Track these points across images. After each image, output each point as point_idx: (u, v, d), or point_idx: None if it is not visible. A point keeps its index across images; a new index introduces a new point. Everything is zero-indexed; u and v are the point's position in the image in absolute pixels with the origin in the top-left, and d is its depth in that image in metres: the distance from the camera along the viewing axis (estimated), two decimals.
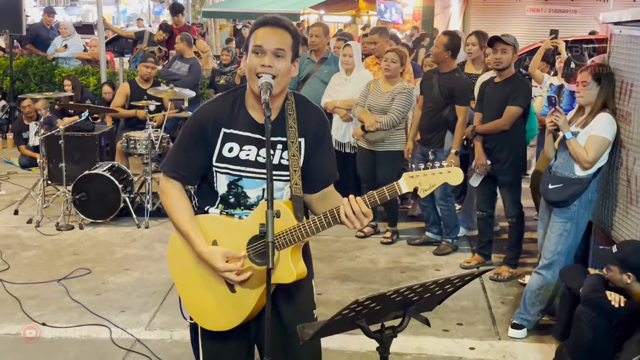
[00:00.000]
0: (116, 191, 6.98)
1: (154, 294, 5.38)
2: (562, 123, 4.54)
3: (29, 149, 9.35)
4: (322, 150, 2.84)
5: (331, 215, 2.61)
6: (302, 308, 2.89)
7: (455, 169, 2.56)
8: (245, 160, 2.76)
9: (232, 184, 2.79)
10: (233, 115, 2.75)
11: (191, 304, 2.91)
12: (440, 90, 6.17)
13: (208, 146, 2.76)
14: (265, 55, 2.64)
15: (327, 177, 2.88)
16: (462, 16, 17.55)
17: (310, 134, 2.80)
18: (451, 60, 6.24)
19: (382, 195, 2.57)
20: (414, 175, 2.55)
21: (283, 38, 2.67)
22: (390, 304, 2.31)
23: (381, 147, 6.46)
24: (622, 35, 4.66)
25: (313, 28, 7.76)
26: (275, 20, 2.69)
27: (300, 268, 2.72)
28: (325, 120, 2.88)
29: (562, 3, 17.23)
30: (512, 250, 5.80)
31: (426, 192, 2.56)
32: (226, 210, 2.82)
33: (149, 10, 48.64)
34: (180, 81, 9.05)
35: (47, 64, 11.75)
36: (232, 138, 2.75)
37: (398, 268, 6.04)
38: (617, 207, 4.63)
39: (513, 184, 5.71)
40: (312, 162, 2.80)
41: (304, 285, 2.86)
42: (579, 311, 3.96)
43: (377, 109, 6.39)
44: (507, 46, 5.48)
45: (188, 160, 2.80)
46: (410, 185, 2.55)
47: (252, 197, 2.79)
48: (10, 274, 5.75)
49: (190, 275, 2.86)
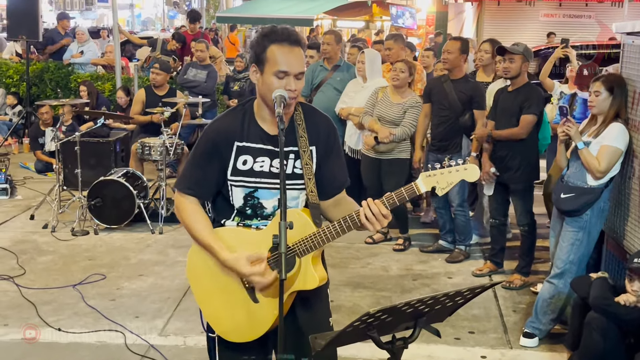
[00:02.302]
0: (131, 197, 7.05)
1: (168, 299, 5.44)
2: (574, 133, 4.55)
3: (44, 154, 9.46)
4: (333, 157, 2.89)
5: (351, 219, 2.65)
6: (319, 316, 2.93)
7: (472, 165, 2.62)
8: (260, 172, 2.80)
9: (249, 195, 2.83)
10: (244, 129, 2.79)
11: (213, 317, 2.93)
12: (458, 96, 6.18)
13: (222, 161, 2.80)
14: (290, 80, 2.67)
15: (340, 183, 2.92)
16: (476, 21, 17.55)
17: (321, 142, 2.84)
18: (463, 65, 6.28)
19: (400, 196, 2.62)
20: (431, 174, 2.60)
21: (301, 59, 2.72)
22: (401, 315, 2.34)
23: (387, 155, 6.46)
24: (634, 45, 4.67)
25: (325, 36, 7.81)
26: (293, 37, 2.70)
27: (322, 274, 2.77)
28: (333, 128, 2.92)
29: (576, 8, 17.18)
30: (524, 258, 5.80)
31: (444, 190, 2.62)
32: (243, 222, 2.86)
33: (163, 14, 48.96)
34: (199, 87, 9.10)
35: (63, 69, 11.86)
36: (245, 151, 2.79)
37: (410, 275, 6.06)
38: (630, 217, 4.64)
39: (525, 192, 5.72)
40: (323, 170, 2.85)
41: (321, 293, 2.91)
42: (590, 318, 3.98)
43: (388, 120, 6.41)
44: (515, 55, 5.50)
45: (203, 176, 2.83)
46: (428, 185, 2.60)
47: (268, 208, 2.83)
48: (26, 279, 5.83)
49: (211, 289, 2.88)
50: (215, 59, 10.81)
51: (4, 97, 11.91)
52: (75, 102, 8.51)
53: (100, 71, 11.98)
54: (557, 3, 16.72)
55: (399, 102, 6.42)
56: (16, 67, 12.28)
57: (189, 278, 2.97)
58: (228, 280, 2.81)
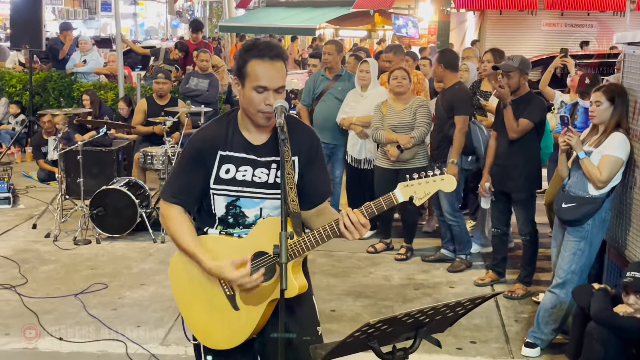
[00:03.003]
0: (133, 206, 7.06)
1: (169, 309, 5.44)
2: (575, 143, 4.55)
3: (47, 163, 9.47)
4: (316, 167, 2.92)
5: (330, 227, 2.68)
6: (304, 323, 2.95)
7: (448, 176, 2.65)
8: (242, 181, 2.84)
9: (230, 204, 2.87)
10: (228, 138, 2.84)
11: (195, 325, 2.97)
12: (443, 105, 6.27)
13: (206, 169, 2.84)
14: (269, 94, 2.72)
15: (323, 193, 2.96)
16: (478, 31, 17.57)
17: (304, 153, 2.88)
18: (451, 74, 6.31)
19: (379, 206, 2.65)
20: (408, 184, 2.64)
21: (282, 73, 2.76)
22: (401, 326, 2.34)
23: (405, 165, 6.36)
24: (635, 55, 4.68)
25: (326, 46, 7.82)
26: (273, 51, 2.74)
27: (301, 282, 2.79)
28: (317, 139, 2.97)
29: (578, 17, 17.20)
30: (526, 268, 5.80)
31: (421, 200, 2.65)
32: (225, 230, 2.90)
33: (166, 23, 49.09)
34: (202, 97, 9.12)
35: (65, 78, 11.89)
36: (228, 160, 2.84)
37: (412, 285, 6.05)
38: (631, 227, 4.64)
39: (527, 202, 5.72)
40: (306, 179, 2.88)
41: (305, 301, 2.93)
42: (590, 328, 3.98)
43: (401, 127, 6.40)
44: (510, 72, 5.53)
45: (188, 184, 2.88)
46: (406, 194, 2.64)
47: (250, 217, 2.88)
48: (28, 288, 5.83)
49: (192, 296, 2.93)
50: (217, 68, 10.83)
51: (7, 106, 11.94)
52: (77, 111, 8.54)
53: (103, 80, 12.02)
54: (559, 12, 16.75)
55: (404, 107, 6.45)
56: (19, 77, 12.32)
57: (171, 285, 3.02)
58: (209, 287, 2.85)
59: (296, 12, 20.16)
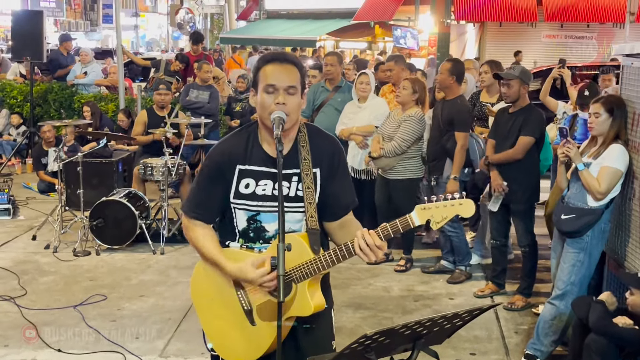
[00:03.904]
0: (133, 217, 7.06)
1: (169, 320, 5.43)
2: (574, 154, 4.56)
3: (47, 174, 9.48)
4: (338, 177, 2.88)
5: (346, 248, 2.66)
6: (320, 339, 2.92)
7: (467, 200, 2.58)
8: (262, 195, 2.81)
9: (251, 219, 2.85)
10: (247, 152, 2.81)
11: (214, 336, 2.97)
12: (442, 117, 6.26)
13: (226, 184, 2.82)
14: (279, 93, 2.69)
15: (346, 204, 2.91)
16: (478, 43, 17.64)
17: (325, 164, 2.84)
18: (456, 86, 6.32)
19: (395, 228, 2.60)
20: (426, 207, 2.58)
21: (293, 74, 2.74)
22: (399, 337, 2.34)
23: (393, 175, 6.49)
24: (633, 67, 4.69)
25: (328, 57, 7.84)
26: (282, 55, 2.77)
27: (318, 301, 2.75)
28: (339, 149, 2.93)
29: (578, 29, 17.26)
30: (525, 279, 5.79)
31: (438, 224, 2.59)
32: (246, 244, 2.88)
33: (167, 35, 49.28)
34: (203, 109, 9.14)
35: (66, 90, 11.92)
36: (247, 174, 2.81)
37: (411, 296, 6.04)
38: (631, 238, 4.64)
39: (526, 213, 5.72)
40: (329, 191, 2.85)
41: (323, 316, 2.90)
42: (589, 340, 3.97)
43: (386, 136, 6.48)
44: (511, 80, 5.54)
45: (207, 199, 2.87)
46: (423, 218, 2.58)
47: (270, 231, 2.85)
48: (27, 300, 5.82)
49: (212, 307, 2.92)
50: (218, 80, 10.87)
51: (8, 117, 11.97)
52: (78, 122, 8.55)
53: (103, 92, 12.05)
54: (559, 24, 16.81)
55: (397, 118, 6.47)
56: (20, 88, 12.36)
57: (192, 296, 3.02)
58: (228, 301, 2.83)
59: (297, 24, 20.25)
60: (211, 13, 36.15)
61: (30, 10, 19.08)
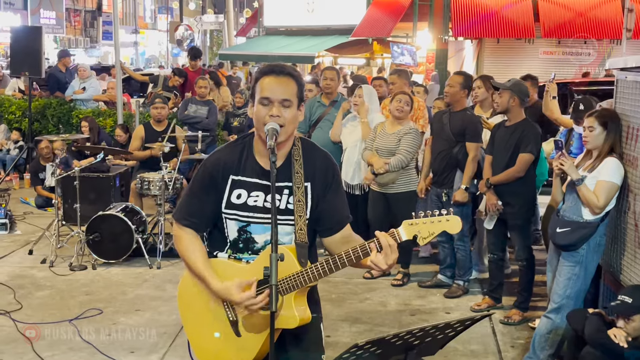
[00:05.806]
0: (129, 232, 7.05)
1: (164, 334, 5.41)
2: (568, 167, 4.56)
3: (45, 189, 9.48)
4: (332, 193, 2.89)
5: (333, 262, 2.68)
6: (309, 352, 2.91)
7: (454, 217, 2.60)
8: (253, 207, 2.82)
9: (241, 229, 2.85)
10: (241, 163, 2.83)
11: (200, 348, 2.96)
12: (451, 128, 6.23)
13: (218, 193, 2.83)
14: (273, 106, 2.71)
15: (340, 219, 2.92)
16: (476, 59, 17.67)
17: (318, 179, 2.85)
18: (465, 99, 6.34)
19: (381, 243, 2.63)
20: (413, 222, 2.60)
21: (289, 87, 2.74)
22: (391, 347, 2.33)
23: (393, 189, 6.49)
24: (627, 80, 4.71)
25: (327, 72, 7.86)
26: (279, 68, 2.77)
27: (304, 313, 2.75)
28: (333, 163, 2.93)
29: (575, 46, 17.30)
30: (522, 293, 5.78)
31: (425, 240, 2.61)
32: (234, 254, 2.88)
33: (167, 52, 49.43)
34: (202, 124, 9.16)
35: (65, 105, 11.95)
36: (240, 185, 2.82)
37: (408, 311, 6.02)
38: (626, 251, 4.63)
39: (523, 228, 5.71)
40: (322, 206, 2.86)
41: (311, 329, 2.88)
42: (585, 353, 3.96)
43: (385, 151, 6.46)
44: (503, 91, 5.58)
45: (200, 208, 2.87)
46: (410, 233, 2.61)
47: (259, 242, 2.85)
48: (22, 314, 5.80)
49: (198, 320, 2.91)
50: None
51: (6, 132, 11.98)
52: (75, 137, 8.56)
53: (102, 107, 12.08)
54: (556, 40, 16.85)
55: (393, 132, 6.48)
56: (19, 104, 12.40)
57: (179, 308, 3.00)
58: (214, 312, 2.83)
59: (295, 41, 20.28)
60: (210, 30, 36.28)
61: (29, 26, 19.15)
